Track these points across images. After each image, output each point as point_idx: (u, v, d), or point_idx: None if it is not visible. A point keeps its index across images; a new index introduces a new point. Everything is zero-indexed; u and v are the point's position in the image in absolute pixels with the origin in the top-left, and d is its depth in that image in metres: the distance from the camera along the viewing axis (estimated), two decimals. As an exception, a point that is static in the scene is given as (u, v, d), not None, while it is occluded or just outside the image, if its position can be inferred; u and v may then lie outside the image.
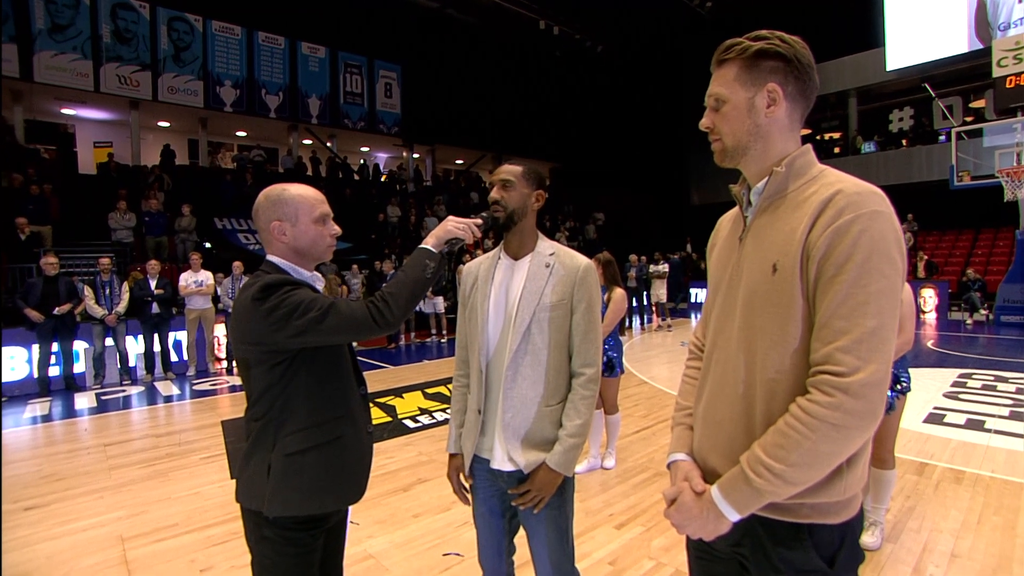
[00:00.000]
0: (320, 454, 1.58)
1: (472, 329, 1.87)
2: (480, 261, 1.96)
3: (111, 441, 5.52)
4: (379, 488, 4.10)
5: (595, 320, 1.78)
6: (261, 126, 18.58)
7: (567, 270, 1.78)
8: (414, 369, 8.89)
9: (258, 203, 1.64)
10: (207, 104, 16.32)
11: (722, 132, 1.24)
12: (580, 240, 19.89)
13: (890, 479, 3.10)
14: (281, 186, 1.65)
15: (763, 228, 1.21)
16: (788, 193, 1.20)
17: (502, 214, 1.78)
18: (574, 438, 1.73)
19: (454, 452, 1.93)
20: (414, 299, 1.61)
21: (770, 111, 1.19)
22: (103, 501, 4.05)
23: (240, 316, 1.53)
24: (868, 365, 1.02)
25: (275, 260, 1.63)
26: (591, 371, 1.77)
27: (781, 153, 1.22)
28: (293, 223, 1.61)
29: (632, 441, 5.12)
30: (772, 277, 1.14)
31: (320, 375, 1.60)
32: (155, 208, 11.95)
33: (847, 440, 1.04)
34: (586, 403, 1.75)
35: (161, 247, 11.81)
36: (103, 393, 7.82)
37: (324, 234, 1.66)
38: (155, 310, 8.58)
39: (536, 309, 1.74)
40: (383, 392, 7.24)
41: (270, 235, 1.62)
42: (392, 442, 5.21)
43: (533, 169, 1.83)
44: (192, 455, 5.00)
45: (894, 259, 1.06)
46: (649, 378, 7.81)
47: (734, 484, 1.13)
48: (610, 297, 4.30)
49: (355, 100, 19.52)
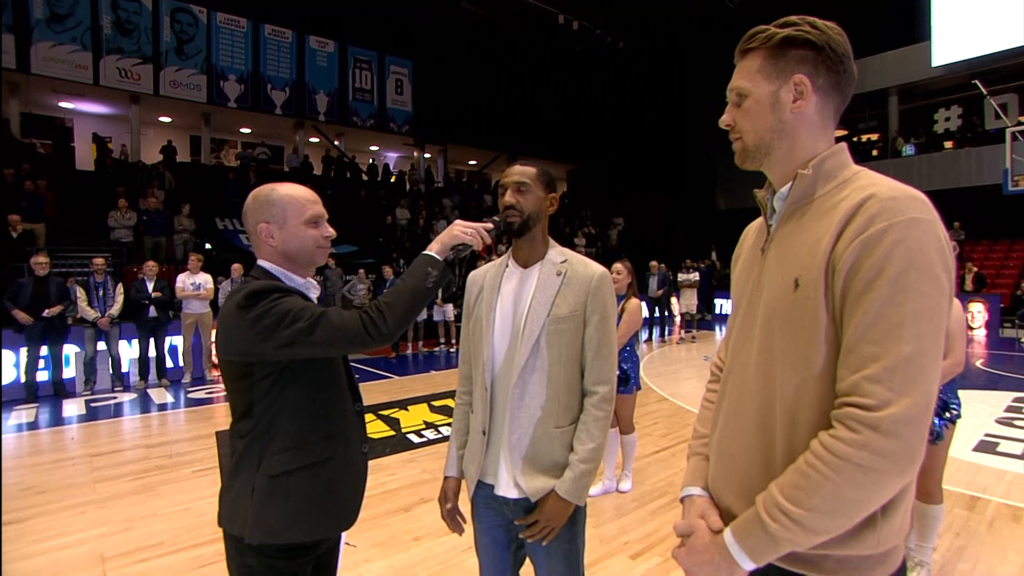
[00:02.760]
0: (308, 476, 1.55)
1: (476, 342, 1.82)
2: (486, 269, 1.91)
3: (98, 451, 5.51)
4: (378, 508, 4.04)
5: (610, 334, 1.74)
6: (266, 123, 18.73)
7: (580, 279, 1.74)
8: (420, 380, 8.81)
9: (247, 204, 1.62)
10: (210, 99, 16.49)
11: (743, 130, 1.18)
12: (599, 246, 19.81)
13: (937, 515, 2.98)
14: (271, 186, 1.62)
15: (786, 238, 1.14)
16: (815, 199, 1.12)
17: (517, 219, 1.74)
18: (586, 463, 1.67)
19: (452, 475, 1.89)
20: (413, 310, 1.56)
21: (796, 106, 1.12)
22: (85, 516, 4.01)
23: (225, 325, 1.51)
24: (902, 398, 0.93)
25: (265, 265, 1.61)
26: (605, 389, 1.72)
27: (809, 153, 1.14)
28: (281, 225, 1.59)
29: (650, 463, 5.03)
30: (793, 294, 1.07)
31: (311, 389, 1.57)
32: (154, 207, 12.04)
33: (877, 485, 0.95)
34: (599, 425, 1.70)
35: (159, 248, 11.90)
36: (93, 400, 7.83)
37: (315, 237, 1.63)
38: (152, 314, 8.60)
39: (546, 321, 1.70)
40: (386, 404, 7.19)
41: (258, 238, 1.60)
42: (394, 458, 5.16)
43: (546, 171, 1.81)
44: (183, 468, 4.97)
45: (936, 274, 0.96)
46: (670, 394, 7.72)
47: (748, 528, 1.05)
48: (625, 307, 4.25)
49: (364, 97, 19.65)
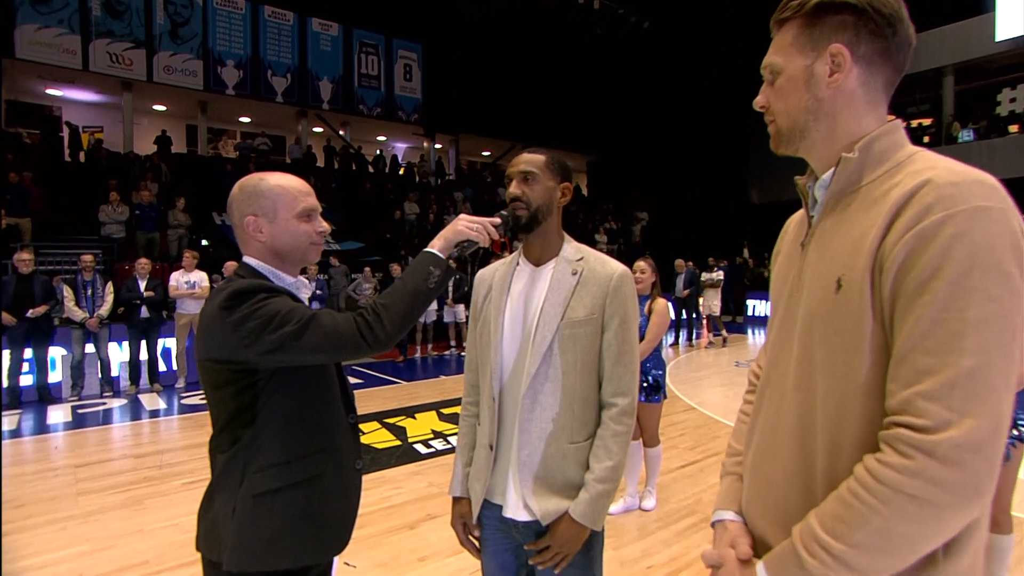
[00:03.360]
0: (296, 495, 1.52)
1: (484, 348, 1.78)
2: (495, 267, 1.88)
3: (83, 461, 5.51)
4: (381, 524, 4.01)
5: (630, 340, 1.69)
6: (267, 111, 18.87)
7: (598, 279, 1.70)
8: (430, 386, 8.85)
9: (233, 195, 1.60)
10: (207, 86, 16.64)
11: (776, 111, 1.12)
12: (621, 243, 19.72)
13: (1006, 546, 2.87)
14: (259, 175, 1.62)
15: (828, 232, 1.07)
16: (862, 186, 1.04)
17: (525, 213, 1.69)
18: (603, 484, 1.62)
19: (459, 495, 1.84)
20: (413, 313, 1.53)
21: (833, 80, 1.04)
22: (66, 533, 3.99)
23: (206, 328, 1.48)
24: (964, 419, 0.83)
25: (251, 262, 1.59)
26: (625, 402, 1.67)
27: (854, 134, 1.06)
28: (271, 219, 1.57)
29: (676, 478, 4.95)
30: (835, 296, 1.00)
31: (300, 400, 1.54)
32: (147, 200, 12.12)
33: (934, 520, 0.86)
34: (619, 441, 1.65)
35: (153, 244, 11.97)
36: (81, 406, 7.87)
37: (308, 232, 1.61)
38: (144, 314, 8.63)
39: (560, 325, 1.65)
40: (393, 411, 7.21)
41: (245, 232, 1.58)
42: (400, 470, 5.15)
43: (557, 158, 1.76)
44: (173, 479, 4.96)
45: (1008, 273, 0.86)
46: (697, 403, 7.63)
47: (783, 563, 0.98)
48: (652, 308, 4.19)
49: (371, 83, 19.75)
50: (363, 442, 5.90)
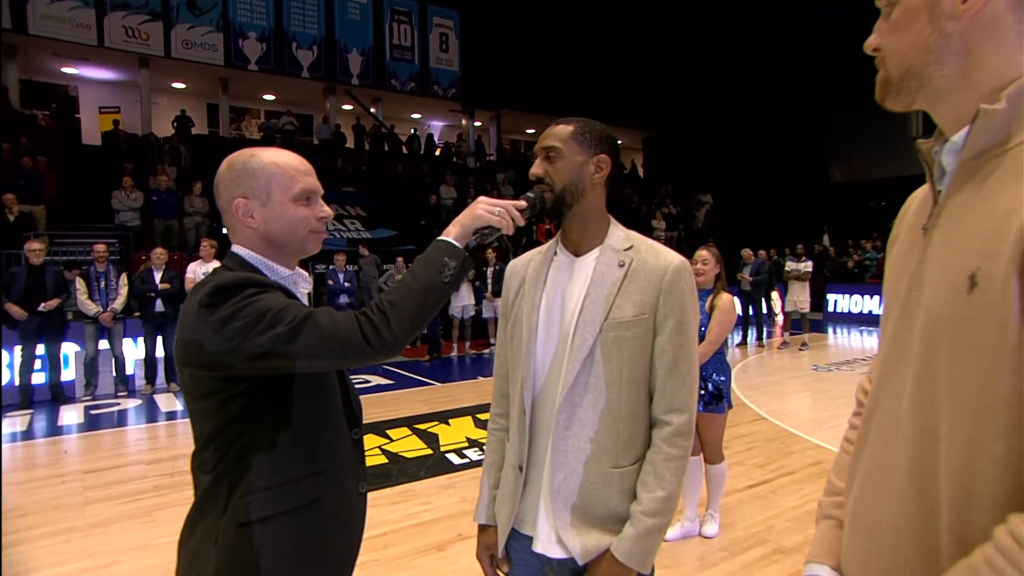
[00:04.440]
0: (290, 523, 1.45)
1: (515, 352, 1.70)
2: (529, 257, 1.80)
3: (93, 467, 5.64)
4: (406, 544, 3.98)
5: (687, 345, 1.59)
6: (292, 88, 19.12)
7: (649, 272, 1.59)
8: (466, 388, 8.84)
9: (220, 174, 1.53)
10: (228, 62, 16.96)
11: (887, 51, 0.96)
12: (681, 230, 19.42)
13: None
14: (250, 151, 1.54)
15: (960, 211, 0.90)
16: (1009, 148, 0.86)
17: (550, 196, 1.61)
18: (653, 518, 1.52)
19: (485, 523, 1.78)
20: (424, 312, 1.45)
21: (969, 6, 0.87)
22: (69, 546, 4.06)
23: (185, 328, 1.41)
24: None
25: (240, 252, 1.53)
26: (681, 420, 1.57)
27: (999, 78, 0.88)
28: (264, 202, 1.50)
29: (743, 500, 4.81)
30: (968, 296, 0.84)
31: (295, 412, 1.47)
32: (165, 185, 12.42)
33: None
34: (672, 467, 1.55)
35: (171, 232, 12.28)
36: (94, 406, 8.09)
37: (307, 217, 1.53)
38: (160, 308, 8.79)
39: (603, 326, 1.56)
40: (425, 416, 7.23)
41: (234, 217, 1.52)
42: (430, 482, 5.13)
43: (589, 126, 1.64)
44: (185, 488, 4.96)
45: None
46: (768, 413, 7.44)
47: None
48: (714, 304, 4.05)
49: (404, 56, 19.86)
50: (390, 450, 5.92)
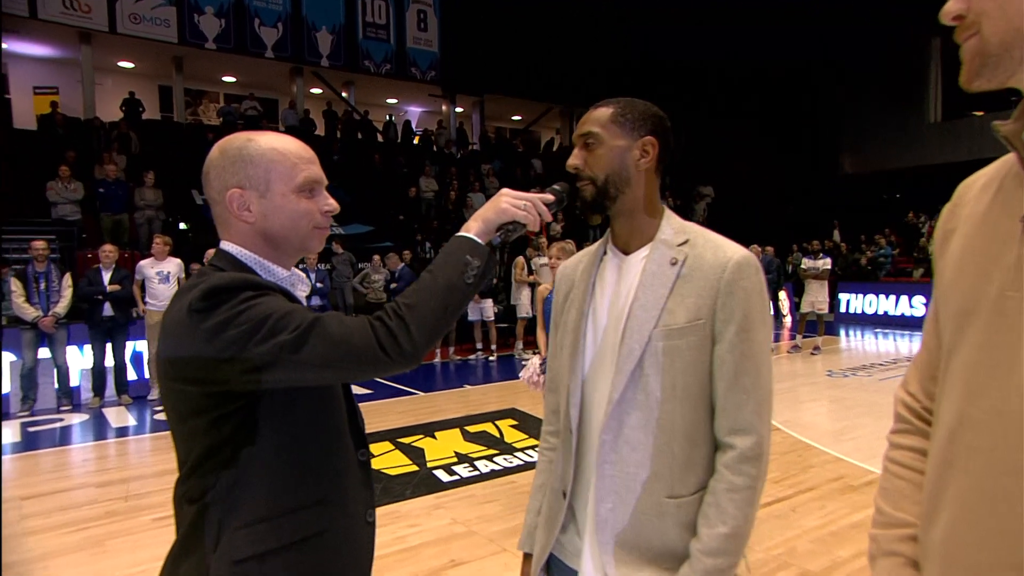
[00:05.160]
0: (290, 560, 1.41)
1: (561, 363, 1.71)
2: (579, 259, 1.80)
3: (33, 492, 5.46)
4: (394, 573, 3.97)
5: (754, 354, 1.53)
6: (255, 69, 18.99)
7: (706, 269, 1.54)
8: (452, 397, 8.86)
9: (210, 160, 1.50)
10: (182, 39, 16.77)
11: (981, 13, 0.89)
12: (681, 224, 19.45)
13: None
14: (246, 135, 1.50)
15: None
16: None
17: (590, 189, 1.57)
18: (714, 558, 1.45)
19: (527, 551, 1.80)
20: (447, 316, 1.41)
21: None
22: (3, 585, 3.97)
23: (171, 337, 1.37)
24: None
25: (232, 250, 1.49)
26: (747, 443, 1.50)
27: None
28: (262, 193, 1.46)
29: (760, 519, 4.71)
30: None
31: (296, 433, 1.44)
32: (113, 176, 12.21)
33: None
34: (737, 499, 1.48)
35: (120, 227, 12.08)
36: (32, 422, 7.88)
37: (310, 211, 1.50)
38: (108, 312, 8.60)
39: (652, 334, 1.51)
40: (408, 429, 7.18)
41: (227, 211, 1.48)
42: (417, 503, 5.11)
43: (631, 106, 1.60)
44: (142, 513, 4.89)
45: None
46: (782, 423, 7.45)
47: None
48: None
49: (378, 35, 19.85)
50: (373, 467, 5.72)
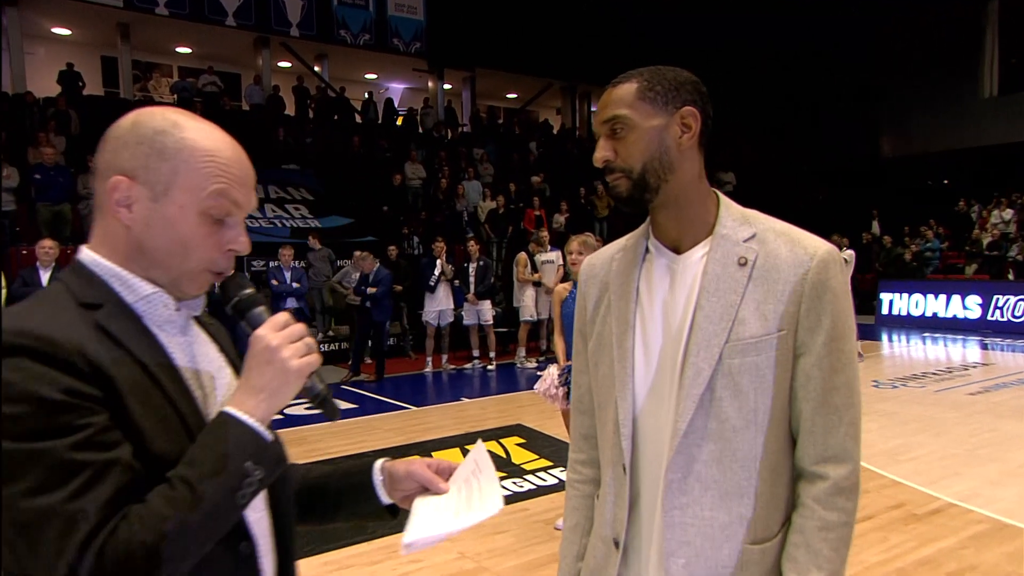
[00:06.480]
0: None
1: (602, 384, 1.65)
2: (610, 255, 1.73)
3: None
4: None
5: (844, 368, 1.51)
6: (214, 39, 18.95)
7: (783, 268, 1.49)
8: (448, 412, 8.96)
9: (119, 126, 1.29)
10: (129, 3, 16.70)
11: None
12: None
13: None
14: (174, 116, 1.30)
15: None
16: None
17: (625, 183, 1.52)
18: None
19: None
20: (198, 550, 1.15)
21: None
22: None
23: None
24: None
25: (87, 261, 1.28)
26: (840, 472, 1.50)
27: None
28: (156, 195, 1.26)
29: None
30: None
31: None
32: (51, 160, 12.14)
33: None
34: (832, 539, 1.49)
35: (61, 219, 12.00)
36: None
37: (209, 244, 1.29)
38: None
39: (724, 351, 1.47)
40: (401, 449, 7.27)
41: (105, 199, 1.27)
42: None
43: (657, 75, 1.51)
44: None
45: None
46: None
47: None
48: None
49: (356, 0, 19.78)
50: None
